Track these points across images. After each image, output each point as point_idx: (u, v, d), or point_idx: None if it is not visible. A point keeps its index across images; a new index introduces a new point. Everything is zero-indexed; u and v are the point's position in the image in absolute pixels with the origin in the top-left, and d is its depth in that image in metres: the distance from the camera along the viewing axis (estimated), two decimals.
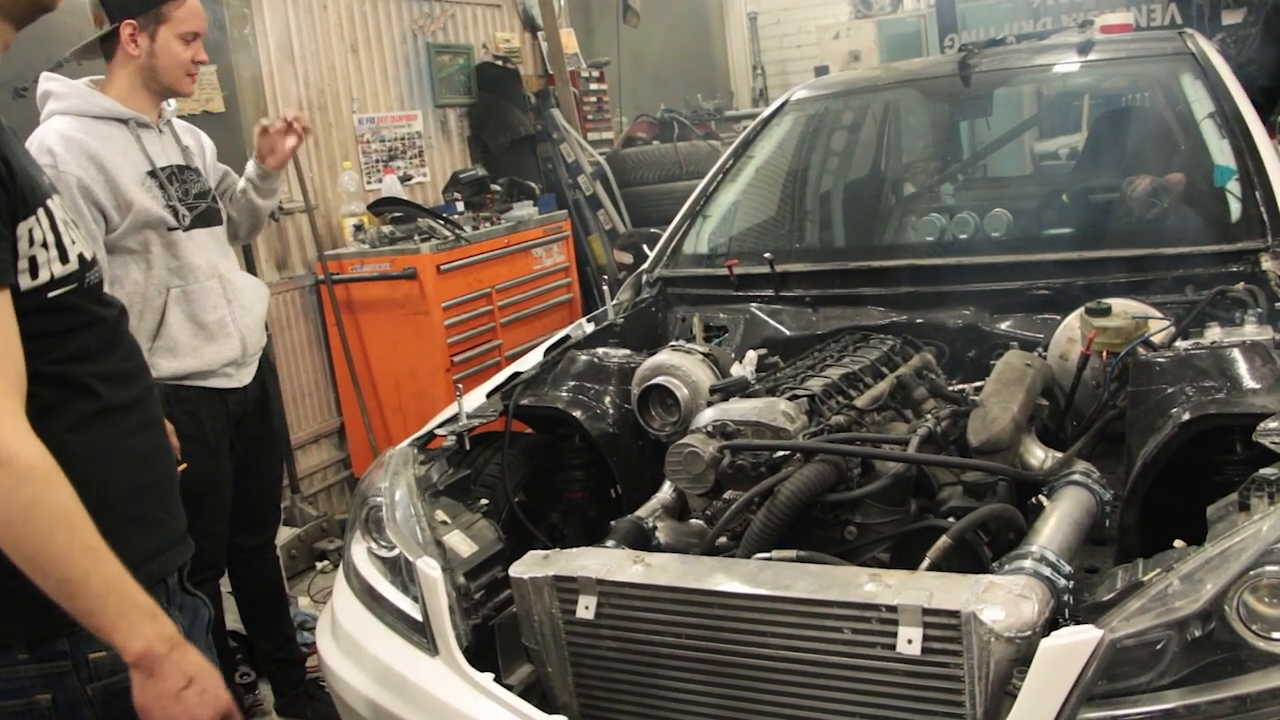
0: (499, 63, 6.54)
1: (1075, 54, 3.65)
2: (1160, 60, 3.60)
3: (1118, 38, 4.06)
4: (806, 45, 10.48)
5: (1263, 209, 2.76)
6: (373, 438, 4.97)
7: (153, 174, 2.90)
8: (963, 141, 4.69)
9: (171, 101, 3.06)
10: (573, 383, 2.73)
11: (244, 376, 3.12)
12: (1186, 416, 2.05)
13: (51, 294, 1.50)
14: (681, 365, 2.54)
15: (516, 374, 2.79)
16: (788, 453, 2.12)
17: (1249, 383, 2.09)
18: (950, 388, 2.61)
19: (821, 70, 9.09)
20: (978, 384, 2.51)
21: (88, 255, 1.59)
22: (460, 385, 2.60)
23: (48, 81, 2.86)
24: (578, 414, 2.63)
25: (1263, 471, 1.78)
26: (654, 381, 2.54)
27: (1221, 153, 3.09)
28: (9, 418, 1.37)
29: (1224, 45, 8.73)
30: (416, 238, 4.95)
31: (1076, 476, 2.21)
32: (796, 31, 10.86)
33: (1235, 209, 2.89)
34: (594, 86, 7.47)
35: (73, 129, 2.79)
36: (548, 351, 2.90)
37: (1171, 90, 3.53)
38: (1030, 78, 4.14)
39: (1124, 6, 5.33)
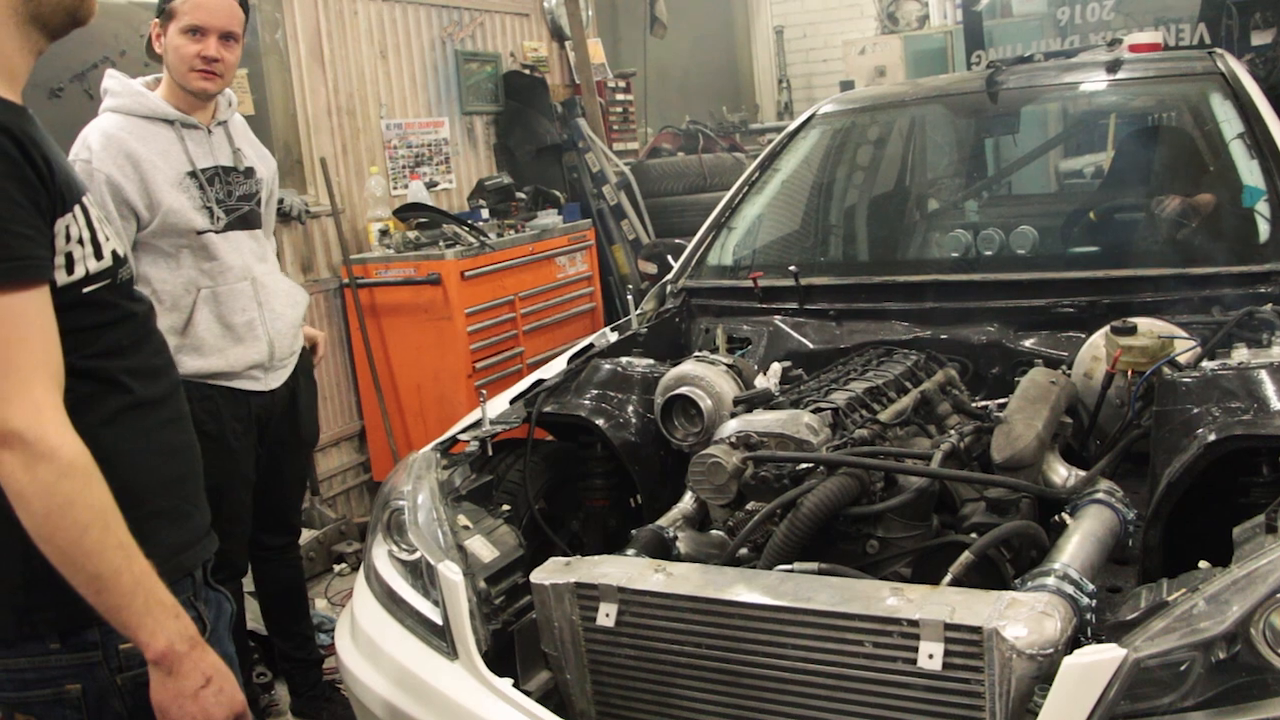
0: (526, 71, 6.59)
1: (1104, 72, 3.65)
2: (1189, 80, 3.59)
3: (1147, 57, 4.05)
4: (832, 60, 10.49)
5: None
6: (393, 442, 4.99)
7: (193, 174, 2.92)
8: (988, 158, 4.69)
9: (231, 101, 3.09)
10: (596, 391, 2.73)
11: (272, 381, 3.11)
12: (1212, 437, 2.04)
13: (86, 290, 1.53)
14: (705, 376, 2.55)
15: (540, 381, 2.80)
16: (811, 465, 2.12)
17: (1277, 404, 2.08)
18: (974, 404, 2.60)
19: (847, 85, 9.08)
20: (1001, 400, 2.50)
21: (120, 252, 1.61)
22: (484, 391, 2.61)
23: (108, 79, 2.92)
24: (600, 422, 2.63)
25: None
26: (678, 391, 2.55)
27: (1251, 173, 3.08)
28: (51, 412, 1.39)
29: (1253, 66, 8.72)
30: (441, 244, 4.98)
31: (1100, 495, 2.20)
32: (823, 46, 10.87)
33: (1264, 229, 2.88)
34: (620, 97, 7.50)
35: (118, 127, 2.84)
36: (571, 359, 2.91)
37: (1200, 110, 3.53)
38: (1058, 96, 4.13)
39: (1153, 26, 5.31)
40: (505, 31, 6.67)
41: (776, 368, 2.72)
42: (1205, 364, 2.28)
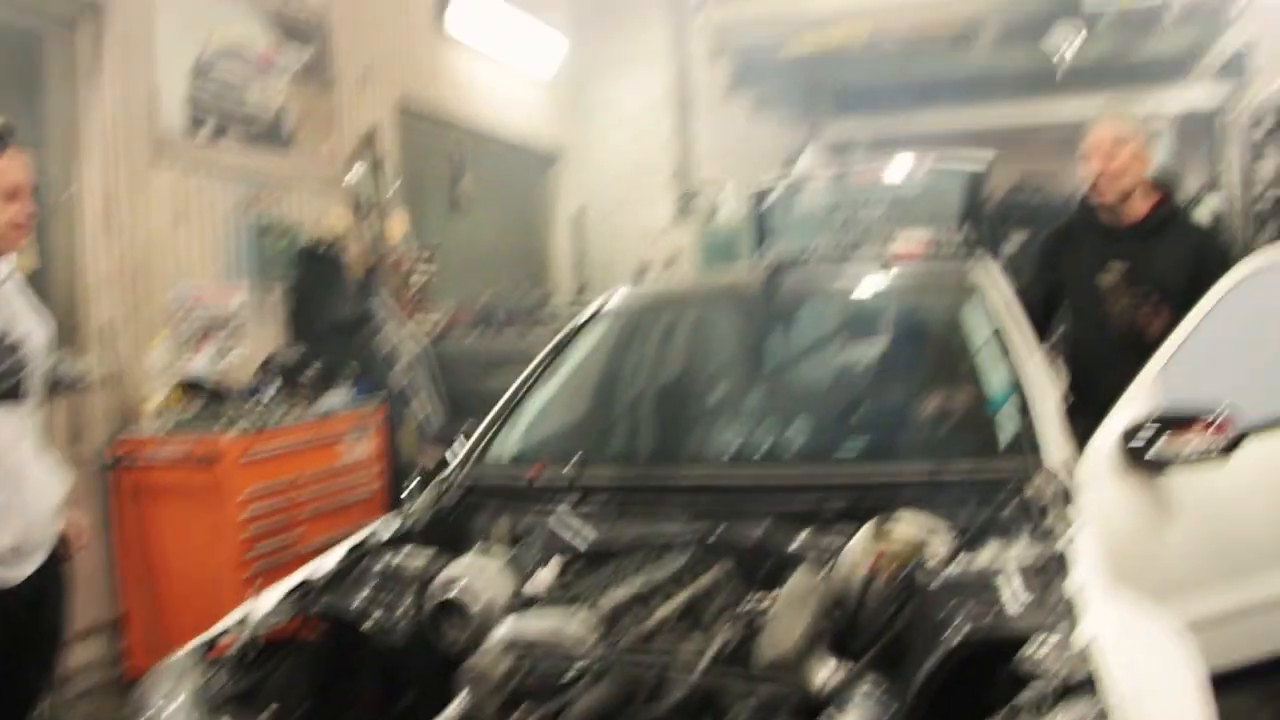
0: (326, 244, 6.58)
1: (873, 274, 3.93)
2: (950, 286, 3.90)
3: (914, 261, 4.37)
4: (629, 244, 10.87)
5: (1032, 433, 2.98)
6: (154, 636, 4.71)
7: None
8: (769, 352, 4.91)
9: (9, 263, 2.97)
10: (368, 588, 2.68)
11: (21, 570, 2.93)
12: (961, 636, 2.15)
13: None
14: (479, 576, 2.54)
15: (312, 575, 2.73)
16: (581, 669, 2.12)
17: (1016, 604, 2.21)
18: (745, 603, 2.66)
19: (642, 268, 9.45)
20: (772, 598, 2.57)
21: None
22: (257, 582, 2.53)
23: None
24: (371, 622, 2.58)
25: (1022, 695, 1.88)
26: (449, 591, 2.53)
27: (998, 379, 3.34)
28: None
29: (1013, 264, 9.45)
30: (221, 422, 4.84)
31: (860, 695, 2.27)
32: (619, 230, 11.24)
33: (1009, 433, 3.10)
34: (420, 273, 7.56)
35: None
36: (344, 556, 2.85)
37: (959, 315, 3.82)
38: (831, 295, 4.41)
39: (922, 229, 5.71)
40: (306, 203, 6.70)
41: (550, 567, 2.73)
42: (954, 564, 2.41)
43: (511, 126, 10.26)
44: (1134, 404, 3.32)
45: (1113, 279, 3.74)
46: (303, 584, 2.69)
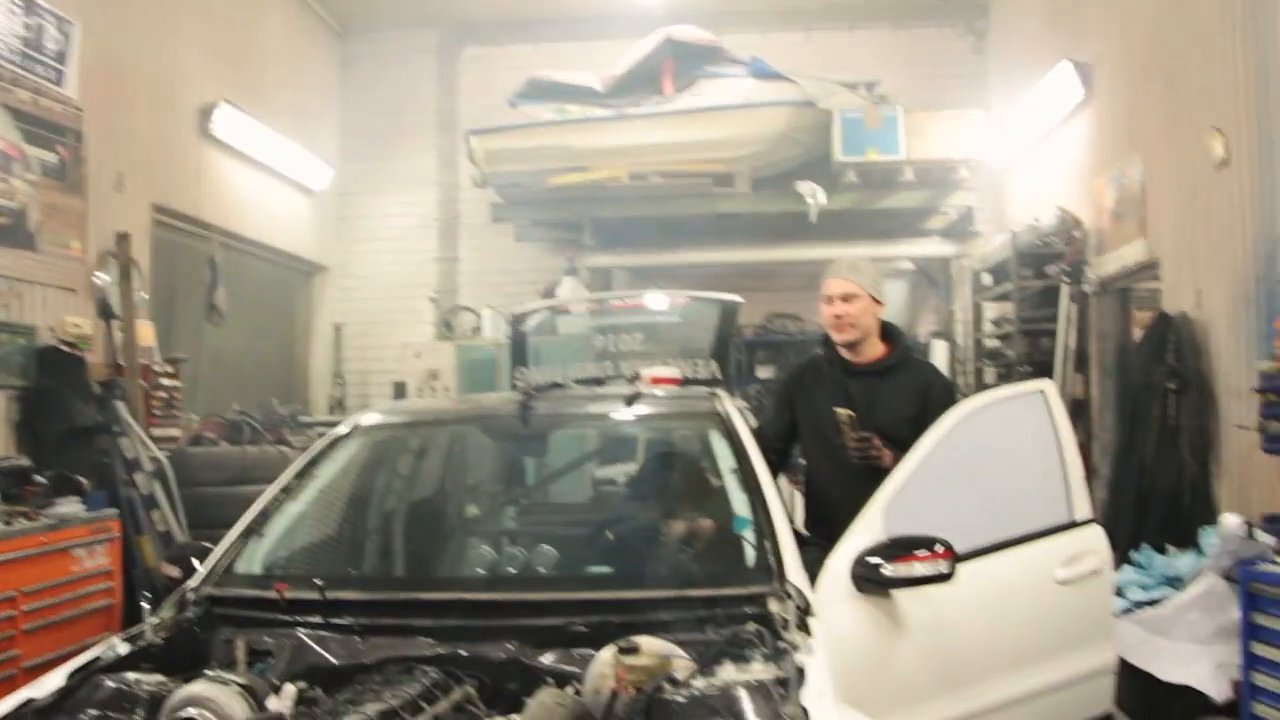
0: (65, 347, 6.28)
1: (623, 404, 4.07)
2: (694, 417, 4.08)
3: (661, 391, 4.55)
4: (388, 360, 10.83)
5: (771, 557, 3.14)
6: None
7: None
8: (526, 470, 4.98)
9: None
10: (94, 712, 2.55)
11: None
12: None
13: None
14: (215, 697, 2.45)
15: (30, 700, 2.58)
16: None
17: (753, 718, 2.32)
18: None
19: (400, 385, 9.39)
20: (515, 718, 2.60)
21: None
22: None
23: None
24: None
25: None
26: (183, 714, 2.43)
27: (740, 504, 3.51)
28: None
29: (759, 395, 9.89)
30: None
31: None
32: (380, 345, 11.22)
33: (750, 555, 3.26)
34: (166, 381, 7.30)
35: None
36: (72, 675, 2.71)
37: (705, 443, 4.01)
38: (582, 423, 4.53)
39: (674, 359, 5.92)
40: (46, 304, 6.39)
41: (290, 689, 2.66)
42: (695, 682, 2.51)
43: (275, 236, 10.13)
44: (865, 531, 3.54)
45: (845, 415, 3.99)
46: (21, 707, 2.53)
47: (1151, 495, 6.23)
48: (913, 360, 4.34)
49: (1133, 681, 4.93)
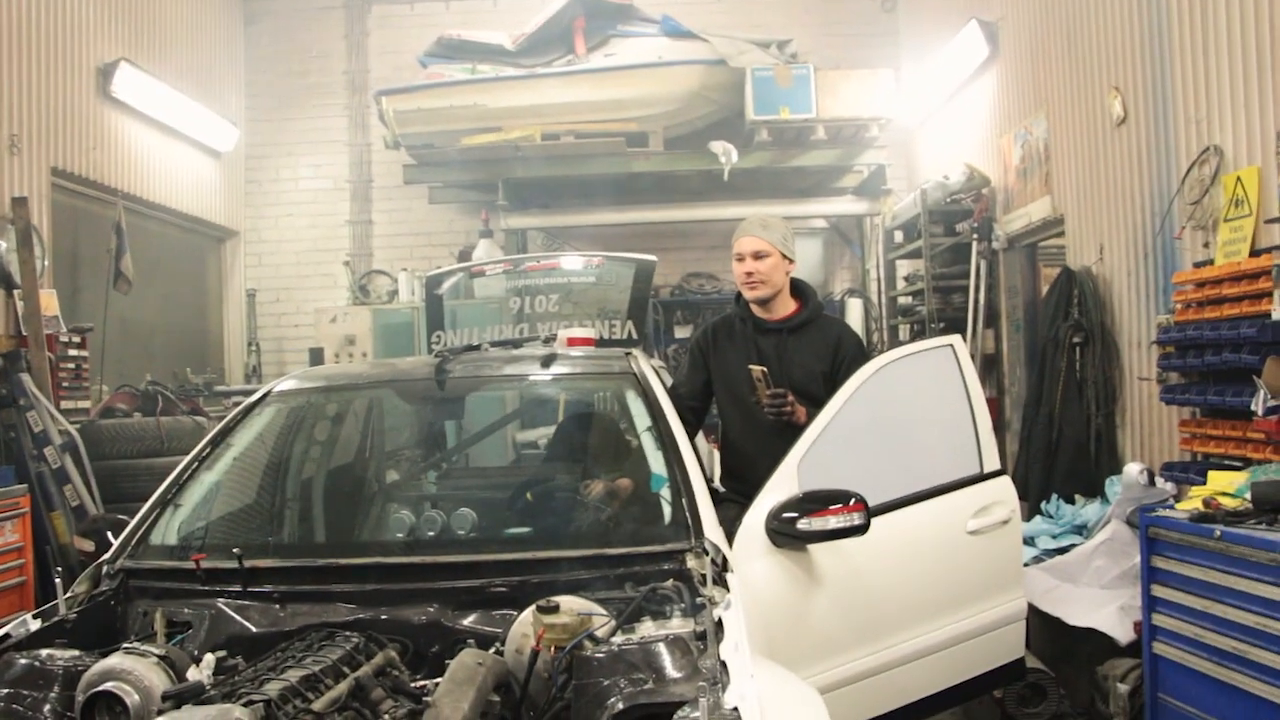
0: None
1: (539, 365, 4.08)
2: (609, 377, 4.10)
3: (577, 352, 4.56)
4: (304, 325, 10.70)
5: (687, 514, 3.18)
6: None
7: None
8: (446, 433, 4.97)
9: None
10: (6, 690, 2.51)
11: None
12: (620, 706, 2.28)
13: None
14: (133, 669, 2.43)
15: None
16: None
17: (671, 673, 2.37)
18: (414, 684, 2.69)
19: (317, 351, 9.28)
20: (438, 680, 2.61)
21: None
22: None
23: None
24: None
25: None
26: (101, 688, 2.41)
27: (657, 462, 3.54)
28: None
29: (676, 355, 9.95)
30: None
31: None
32: (295, 311, 11.08)
33: (667, 513, 3.30)
34: (73, 352, 7.12)
35: None
36: None
37: (621, 403, 4.03)
38: (499, 385, 4.52)
39: (590, 320, 5.93)
40: None
41: (210, 658, 2.65)
42: (614, 639, 2.54)
43: (181, 199, 9.91)
44: (780, 487, 3.60)
45: (759, 372, 4.04)
46: None
47: (1060, 446, 6.41)
48: (824, 317, 4.40)
49: (1043, 627, 5.10)
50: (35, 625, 2.87)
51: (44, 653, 2.62)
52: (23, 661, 2.57)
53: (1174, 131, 5.44)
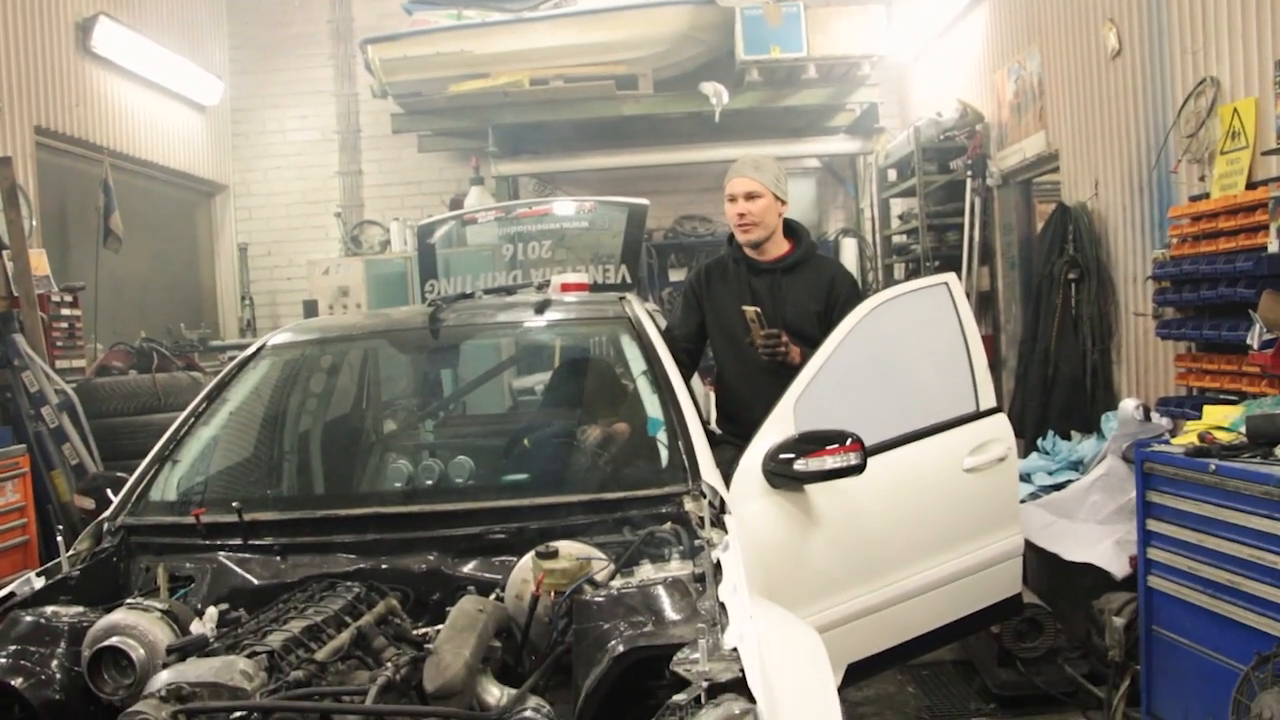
0: None
1: (533, 312, 4.08)
2: (604, 322, 4.10)
3: (571, 298, 4.55)
4: (297, 279, 10.65)
5: (684, 457, 3.20)
6: None
7: None
8: (442, 382, 4.97)
9: None
10: (13, 647, 2.52)
11: None
12: (620, 649, 2.30)
13: None
14: (138, 624, 2.46)
15: None
16: (246, 713, 2.11)
17: (670, 615, 2.39)
18: (415, 632, 2.71)
19: (310, 304, 9.26)
20: (439, 627, 2.63)
21: None
22: None
23: None
24: (17, 681, 2.44)
25: (676, 697, 2.03)
26: (106, 643, 2.43)
27: (653, 406, 3.55)
28: None
29: (671, 298, 9.95)
30: None
31: (528, 713, 2.36)
32: (287, 264, 11.03)
33: (665, 456, 3.31)
34: (66, 312, 7.09)
35: None
36: None
37: (616, 347, 4.03)
38: (492, 333, 4.52)
39: (583, 265, 5.92)
40: None
41: (213, 611, 2.67)
42: (614, 582, 2.56)
43: (168, 155, 9.81)
44: (776, 427, 3.62)
45: (752, 312, 4.03)
46: None
47: (1056, 383, 6.42)
48: (817, 257, 4.40)
49: (1040, 563, 5.14)
50: (39, 583, 2.89)
51: (49, 610, 2.64)
52: (28, 619, 2.59)
53: (1170, 63, 5.39)
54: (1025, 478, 5.62)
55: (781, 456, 3.45)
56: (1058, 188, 7.20)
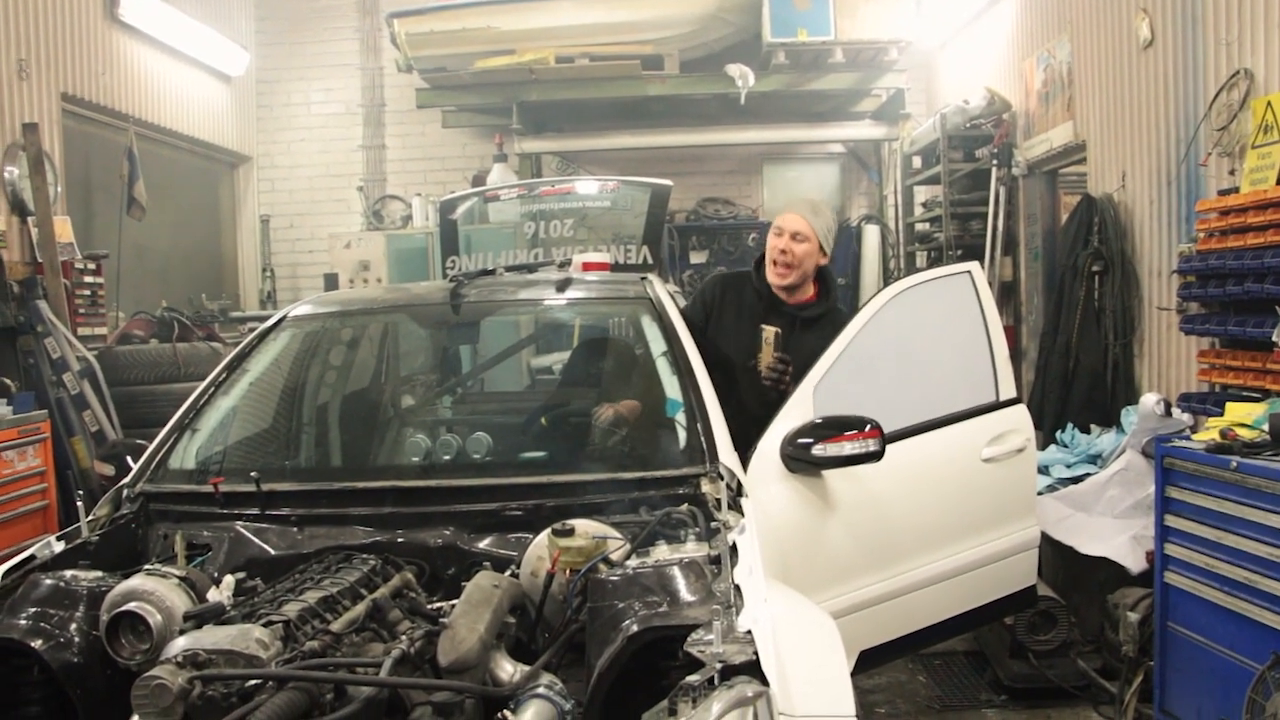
0: None
1: (554, 290, 4.07)
2: (625, 302, 4.08)
3: (592, 277, 4.54)
4: (318, 251, 10.68)
5: (703, 438, 3.18)
6: None
7: None
8: (462, 358, 4.97)
9: None
10: (33, 609, 2.54)
11: None
12: (634, 629, 2.29)
13: None
14: (155, 590, 2.47)
15: None
16: (260, 682, 2.11)
17: (685, 596, 2.38)
18: (430, 606, 2.72)
19: (331, 277, 9.27)
20: (455, 602, 2.64)
21: None
22: None
23: None
24: (37, 643, 2.45)
25: (689, 678, 2.02)
26: (125, 608, 2.44)
27: (672, 387, 3.54)
28: None
29: (691, 280, 9.93)
30: None
31: (541, 689, 2.36)
32: (309, 237, 11.06)
33: (682, 437, 3.30)
34: (89, 279, 7.13)
35: None
36: (7, 574, 2.69)
37: (636, 328, 4.02)
38: (513, 310, 4.51)
39: (605, 245, 5.90)
40: None
41: (230, 579, 2.68)
42: (629, 562, 2.56)
43: (193, 124, 9.85)
44: (794, 413, 3.61)
45: (772, 333, 3.99)
46: None
47: (1076, 375, 6.39)
48: (836, 311, 4.30)
49: (1055, 555, 5.12)
50: (59, 547, 2.90)
51: (68, 574, 2.65)
52: (48, 582, 2.61)
53: (1203, 54, 5.33)
54: (1043, 470, 5.60)
55: (800, 441, 3.44)
56: (1083, 179, 7.15)
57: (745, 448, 3.46)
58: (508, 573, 2.76)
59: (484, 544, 2.97)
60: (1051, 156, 7.59)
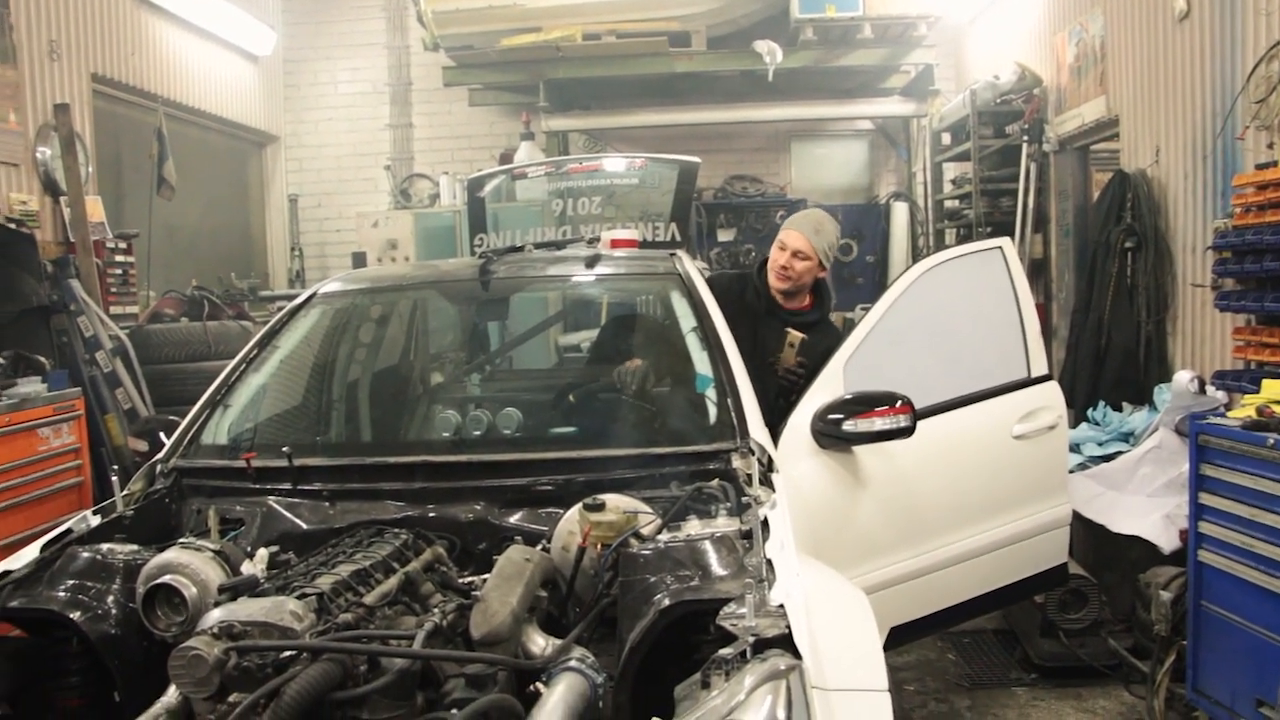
0: (12, 225, 6.15)
1: (583, 266, 4.06)
2: (654, 278, 4.08)
3: (621, 253, 4.53)
4: (346, 230, 10.71)
5: (733, 414, 3.17)
6: None
7: None
8: (490, 335, 4.98)
9: None
10: (72, 581, 2.57)
11: None
12: (666, 603, 2.29)
13: None
14: (190, 563, 2.49)
15: (7, 572, 2.60)
16: (295, 653, 2.13)
17: (717, 570, 2.38)
18: (462, 580, 2.73)
19: (359, 256, 9.30)
20: (486, 576, 2.65)
21: None
22: None
23: None
24: (75, 615, 2.48)
25: (721, 652, 2.02)
26: (160, 580, 2.47)
27: (702, 363, 3.53)
28: None
29: (719, 258, 9.89)
30: None
31: (572, 663, 2.37)
32: (337, 216, 11.09)
33: (713, 413, 3.29)
34: (120, 258, 7.19)
35: None
36: (44, 547, 2.73)
37: (665, 304, 4.01)
38: (542, 286, 4.51)
39: (633, 222, 5.88)
40: None
41: (263, 553, 2.70)
42: (661, 536, 2.56)
43: (221, 104, 9.88)
44: (825, 389, 3.59)
45: (798, 338, 4.04)
46: (1, 577, 2.56)
47: (1108, 353, 6.34)
48: (827, 321, 4.43)
49: (1086, 534, 5.09)
50: (95, 521, 2.93)
51: (105, 547, 2.68)
52: (85, 555, 2.64)
53: (1241, 25, 5.25)
54: (1074, 448, 5.56)
55: (830, 417, 3.43)
56: (1115, 155, 7.07)
57: None
58: (539, 547, 2.77)
59: (515, 519, 2.98)
60: (1083, 132, 7.51)
